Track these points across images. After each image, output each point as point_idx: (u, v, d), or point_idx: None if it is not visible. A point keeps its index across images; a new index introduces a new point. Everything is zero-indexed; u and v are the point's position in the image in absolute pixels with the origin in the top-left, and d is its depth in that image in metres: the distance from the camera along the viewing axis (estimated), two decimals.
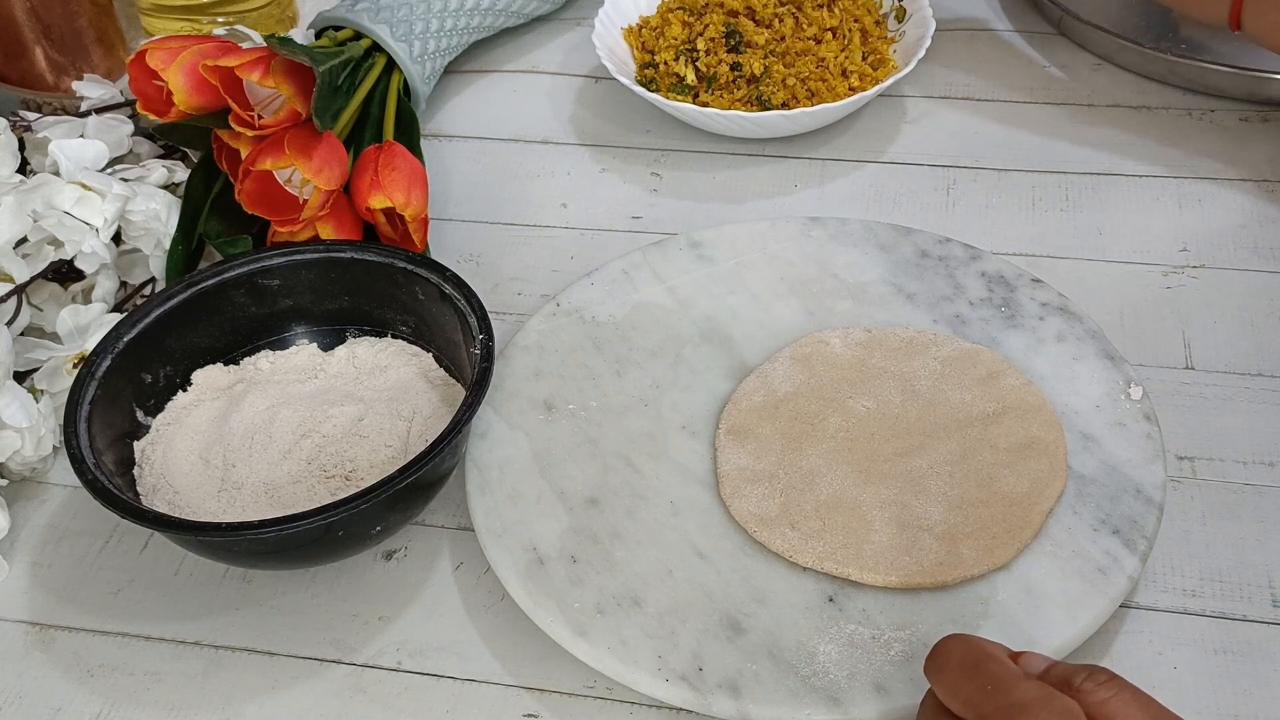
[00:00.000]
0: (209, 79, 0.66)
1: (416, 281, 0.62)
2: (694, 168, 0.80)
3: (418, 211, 0.68)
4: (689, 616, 0.52)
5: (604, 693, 0.53)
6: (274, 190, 0.68)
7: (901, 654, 0.50)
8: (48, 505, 0.63)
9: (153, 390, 0.61)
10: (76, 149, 0.67)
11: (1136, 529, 0.53)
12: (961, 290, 0.66)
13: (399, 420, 0.59)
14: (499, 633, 0.55)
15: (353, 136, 0.74)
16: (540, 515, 0.57)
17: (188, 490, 0.57)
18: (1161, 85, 0.82)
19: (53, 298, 0.67)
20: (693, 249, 0.69)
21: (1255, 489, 0.58)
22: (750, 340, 0.65)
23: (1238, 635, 0.53)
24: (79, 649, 0.56)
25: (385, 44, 0.78)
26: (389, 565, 0.59)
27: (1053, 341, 0.62)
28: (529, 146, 0.83)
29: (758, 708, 0.49)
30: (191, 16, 0.89)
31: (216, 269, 0.62)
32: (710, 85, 0.80)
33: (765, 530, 0.55)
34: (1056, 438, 0.57)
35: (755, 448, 0.59)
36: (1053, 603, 0.51)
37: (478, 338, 0.58)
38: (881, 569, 0.53)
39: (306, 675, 0.55)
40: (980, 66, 0.86)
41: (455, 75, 0.89)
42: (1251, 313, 0.66)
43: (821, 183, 0.78)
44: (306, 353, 0.64)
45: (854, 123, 0.82)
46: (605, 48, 0.82)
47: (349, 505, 0.50)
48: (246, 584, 0.58)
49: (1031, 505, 0.54)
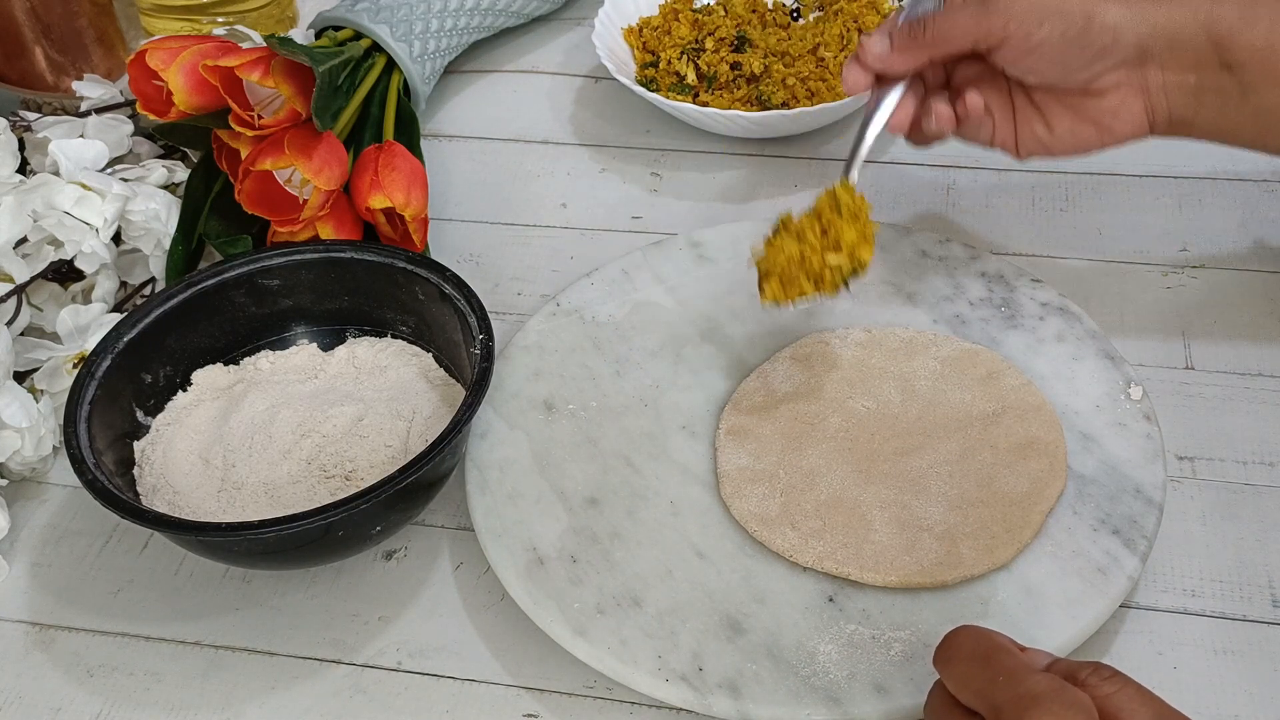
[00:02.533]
0: (209, 79, 0.66)
1: (416, 281, 0.62)
2: (694, 168, 0.80)
3: (418, 211, 0.68)
4: (689, 616, 0.52)
5: (604, 693, 0.53)
6: (274, 190, 0.68)
7: (901, 654, 0.50)
8: (48, 505, 0.63)
9: (153, 390, 0.61)
10: (76, 149, 0.67)
11: (1136, 529, 0.53)
12: (961, 290, 0.66)
13: (399, 420, 0.59)
14: (499, 633, 0.55)
15: (353, 136, 0.74)
16: (540, 515, 0.57)
17: (188, 490, 0.57)
18: None
19: (53, 298, 0.67)
20: (693, 249, 0.69)
21: (1255, 489, 0.58)
22: (750, 340, 0.65)
23: (1238, 635, 0.53)
24: (79, 649, 0.56)
25: (385, 44, 0.78)
26: (389, 565, 0.59)
27: (1053, 341, 0.62)
28: (529, 146, 0.83)
29: (758, 708, 0.49)
30: (191, 16, 0.89)
31: (216, 269, 0.62)
32: (710, 85, 0.80)
33: (765, 530, 0.55)
34: (1056, 438, 0.57)
35: (755, 448, 0.59)
36: (1053, 603, 0.51)
37: (478, 338, 0.58)
38: (881, 569, 0.53)
39: (306, 675, 0.55)
40: None
41: (455, 75, 0.89)
42: (1251, 313, 0.66)
43: (821, 183, 0.78)
44: (306, 353, 0.64)
45: (854, 123, 0.82)
46: (605, 48, 0.82)
47: (349, 505, 0.50)
48: (246, 584, 0.58)
49: (1031, 505, 0.54)
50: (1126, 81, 0.60)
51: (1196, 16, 0.58)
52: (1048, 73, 0.60)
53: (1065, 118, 0.62)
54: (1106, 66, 0.59)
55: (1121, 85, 0.60)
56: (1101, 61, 0.59)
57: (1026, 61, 0.59)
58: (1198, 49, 0.58)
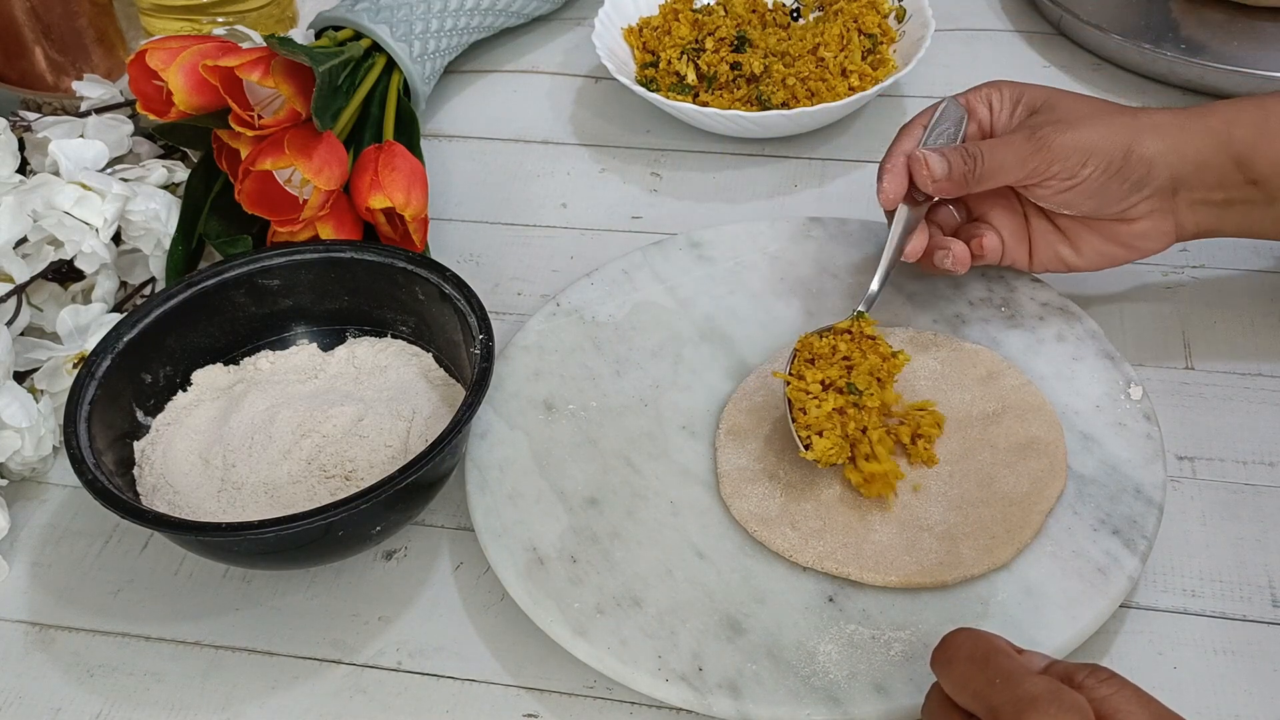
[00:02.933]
0: (209, 79, 0.66)
1: (416, 281, 0.62)
2: (694, 168, 0.80)
3: (418, 211, 0.68)
4: (689, 616, 0.52)
5: (604, 693, 0.53)
6: (274, 190, 0.68)
7: (901, 654, 0.50)
8: (48, 505, 0.63)
9: (153, 390, 0.61)
10: (76, 149, 0.67)
11: (1136, 529, 0.53)
12: (961, 290, 0.66)
13: (399, 420, 0.59)
14: (499, 633, 0.55)
15: (353, 136, 0.74)
16: (540, 515, 0.57)
17: (188, 490, 0.57)
18: (1161, 85, 0.82)
19: (53, 298, 0.67)
20: (693, 249, 0.69)
21: (1255, 489, 0.58)
22: (750, 340, 0.65)
23: (1238, 635, 0.53)
24: (79, 649, 0.56)
25: (385, 44, 0.78)
26: (389, 565, 0.59)
27: (1053, 341, 0.62)
28: (529, 146, 0.83)
29: (757, 708, 0.49)
30: (191, 16, 0.89)
31: (216, 269, 0.62)
32: (710, 85, 0.80)
33: (765, 530, 0.55)
34: (1056, 438, 0.57)
35: (755, 448, 0.59)
36: (1053, 603, 0.51)
37: (478, 338, 0.58)
38: (881, 569, 0.53)
39: (306, 675, 0.55)
40: (980, 66, 0.86)
41: (455, 75, 0.89)
42: (1251, 313, 0.66)
43: (821, 183, 0.78)
44: (306, 353, 0.64)
45: (854, 123, 0.82)
46: (605, 48, 0.82)
47: (349, 505, 0.50)
48: (246, 584, 0.58)
49: (1031, 505, 0.54)
50: (1159, 208, 0.60)
51: (1219, 140, 0.59)
52: (1083, 206, 0.60)
53: (1093, 240, 0.62)
54: (1142, 198, 0.59)
55: (1154, 212, 0.60)
56: (1138, 194, 0.59)
57: (1063, 198, 0.60)
58: (1223, 169, 0.59)
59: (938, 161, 0.60)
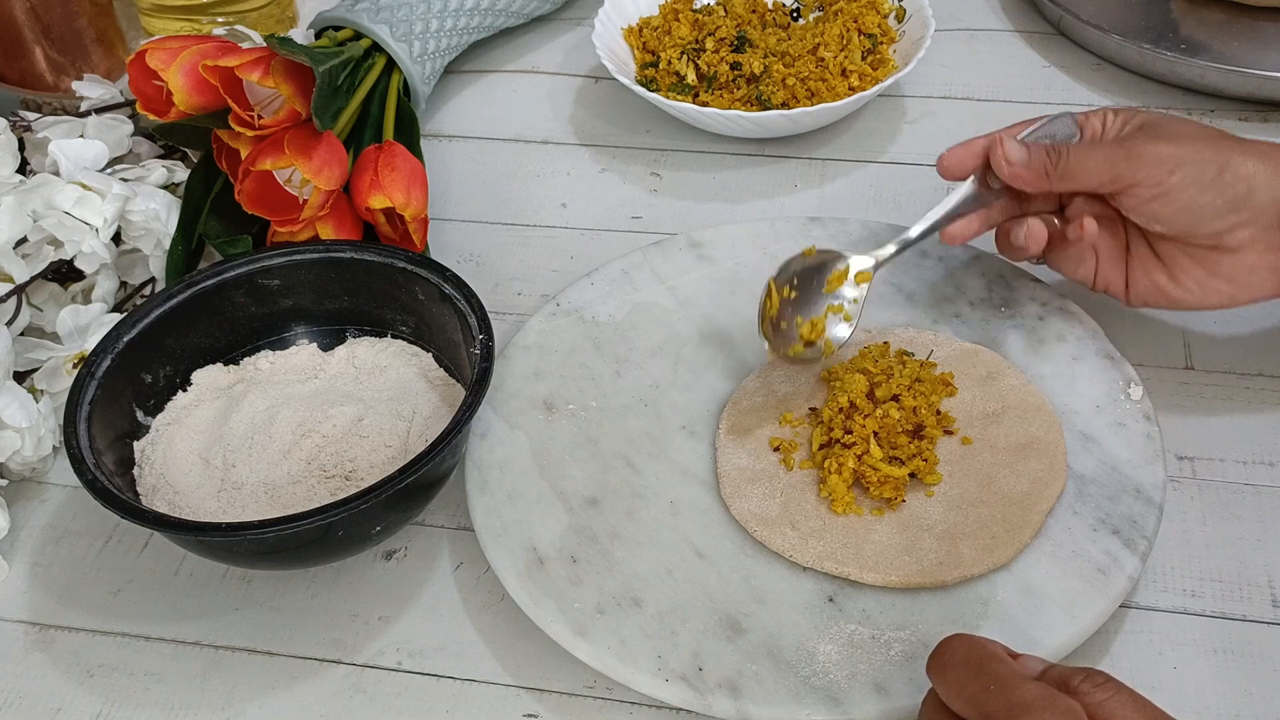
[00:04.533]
0: (209, 79, 0.66)
1: (416, 281, 0.62)
2: (694, 168, 0.80)
3: (418, 211, 0.68)
4: (689, 616, 0.52)
5: (604, 693, 0.53)
6: (274, 190, 0.68)
7: (901, 654, 0.50)
8: (48, 505, 0.63)
9: (153, 390, 0.61)
10: (76, 149, 0.67)
11: (1136, 529, 0.53)
12: (961, 290, 0.66)
13: (399, 420, 0.59)
14: (499, 633, 0.55)
15: (353, 136, 0.74)
16: (540, 515, 0.57)
17: (188, 490, 0.57)
18: (1161, 85, 0.82)
19: (53, 298, 0.67)
20: (693, 249, 0.69)
21: (1255, 489, 0.58)
22: (750, 340, 0.65)
23: (1238, 635, 0.53)
24: (79, 649, 0.56)
25: (385, 44, 0.78)
26: (389, 565, 0.59)
27: (1053, 341, 0.62)
28: (529, 146, 0.83)
29: (757, 708, 0.49)
30: (191, 16, 0.89)
31: (216, 269, 0.62)
32: (710, 85, 0.80)
33: (765, 530, 0.55)
34: (1056, 438, 0.57)
35: (755, 448, 0.59)
36: (1053, 603, 0.51)
37: (478, 338, 0.58)
38: (881, 569, 0.53)
39: (306, 675, 0.55)
40: (980, 66, 0.86)
41: (455, 75, 0.89)
42: (1251, 313, 0.66)
43: (821, 183, 0.78)
44: (306, 353, 0.64)
45: (854, 123, 0.82)
46: (605, 48, 0.82)
47: (349, 505, 0.50)
48: (246, 584, 0.58)
49: (1031, 505, 0.54)
50: (1264, 240, 0.57)
51: None
52: (1175, 221, 0.57)
53: (1194, 271, 0.59)
54: (1240, 220, 0.56)
55: (1258, 241, 0.57)
56: (1236, 214, 0.56)
57: (1152, 208, 0.57)
58: None
59: (1016, 148, 0.58)
